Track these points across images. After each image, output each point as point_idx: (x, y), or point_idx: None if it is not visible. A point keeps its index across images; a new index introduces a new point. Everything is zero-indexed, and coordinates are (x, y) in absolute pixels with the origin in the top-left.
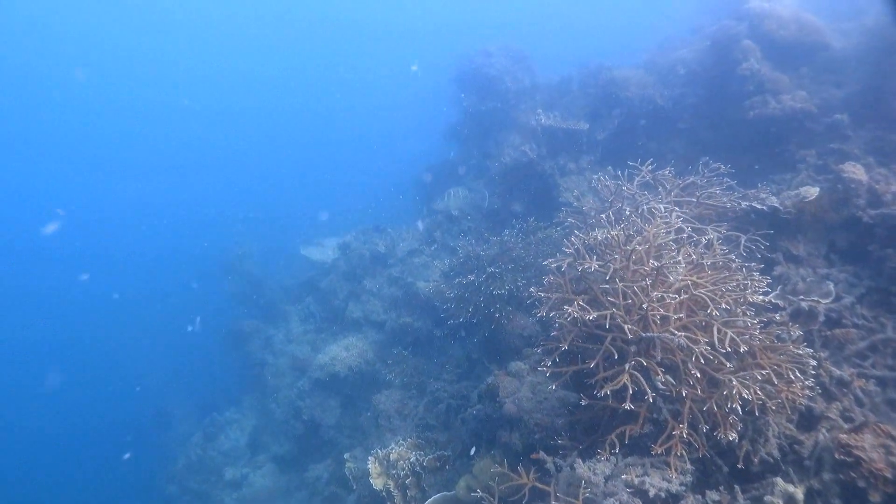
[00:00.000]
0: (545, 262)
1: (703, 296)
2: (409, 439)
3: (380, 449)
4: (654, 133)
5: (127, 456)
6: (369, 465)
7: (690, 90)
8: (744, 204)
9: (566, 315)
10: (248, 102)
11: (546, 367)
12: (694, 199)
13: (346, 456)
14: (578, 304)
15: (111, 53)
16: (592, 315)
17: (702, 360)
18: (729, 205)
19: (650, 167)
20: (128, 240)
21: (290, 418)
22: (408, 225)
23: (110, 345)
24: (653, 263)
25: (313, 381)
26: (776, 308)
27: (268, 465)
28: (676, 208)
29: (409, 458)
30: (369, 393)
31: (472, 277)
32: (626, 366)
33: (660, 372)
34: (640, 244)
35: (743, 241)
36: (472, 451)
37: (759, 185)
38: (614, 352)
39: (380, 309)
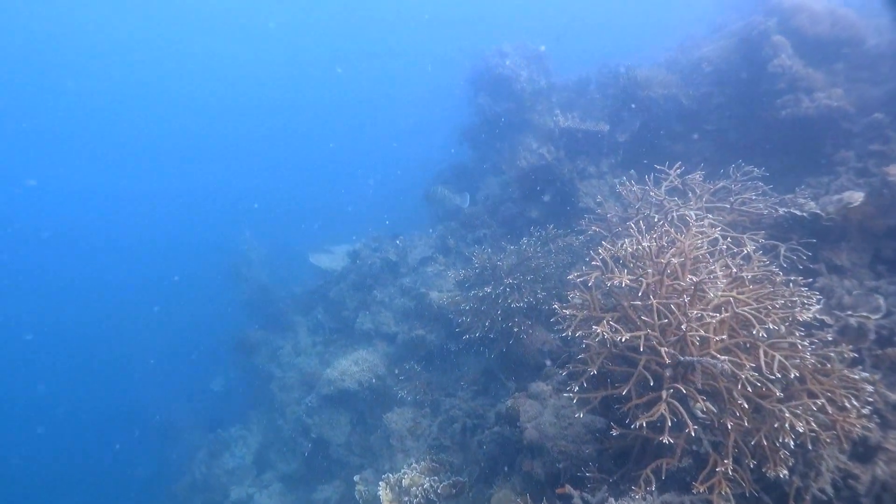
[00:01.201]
0: (570, 277)
1: (747, 314)
2: (422, 462)
3: (391, 473)
4: (679, 135)
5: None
6: (380, 492)
7: (717, 89)
8: (781, 210)
9: (594, 335)
10: (256, 103)
11: (573, 392)
12: (727, 206)
13: (356, 478)
14: (608, 323)
15: (119, 52)
16: (625, 336)
17: (748, 388)
18: (766, 211)
19: (678, 171)
20: (132, 243)
21: (297, 435)
22: (420, 231)
23: (115, 354)
24: (690, 278)
25: (322, 396)
26: (822, 325)
27: (274, 485)
28: (709, 215)
29: (422, 485)
30: (380, 409)
31: (488, 289)
32: (664, 393)
33: (700, 400)
34: (674, 256)
35: (783, 251)
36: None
37: (797, 189)
38: (649, 377)
39: (391, 320)
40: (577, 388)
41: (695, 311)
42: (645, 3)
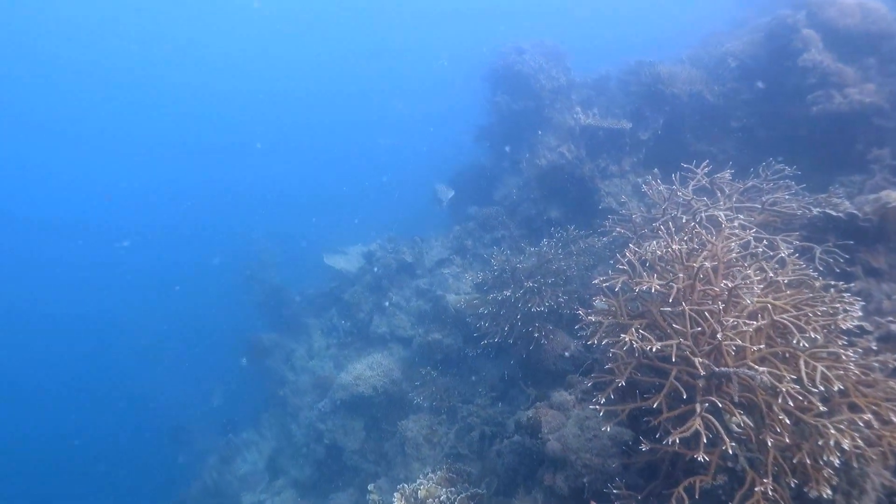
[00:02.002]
0: (595, 281)
1: (787, 322)
2: (438, 472)
3: (406, 484)
4: (704, 132)
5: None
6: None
7: (743, 85)
8: (815, 210)
9: (622, 344)
10: (269, 99)
11: (599, 405)
12: (758, 206)
13: (370, 487)
14: (637, 331)
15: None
16: (655, 346)
17: (789, 402)
18: (799, 211)
19: (706, 169)
20: (147, 243)
21: (310, 441)
22: (436, 232)
23: (128, 355)
24: (725, 284)
25: (336, 401)
26: (861, 332)
27: (287, 492)
28: (739, 216)
29: (439, 497)
30: (396, 415)
31: (507, 293)
32: (698, 407)
33: (737, 413)
34: (707, 260)
35: (818, 253)
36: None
37: (830, 188)
38: (681, 389)
39: (407, 324)
40: (603, 399)
41: (730, 319)
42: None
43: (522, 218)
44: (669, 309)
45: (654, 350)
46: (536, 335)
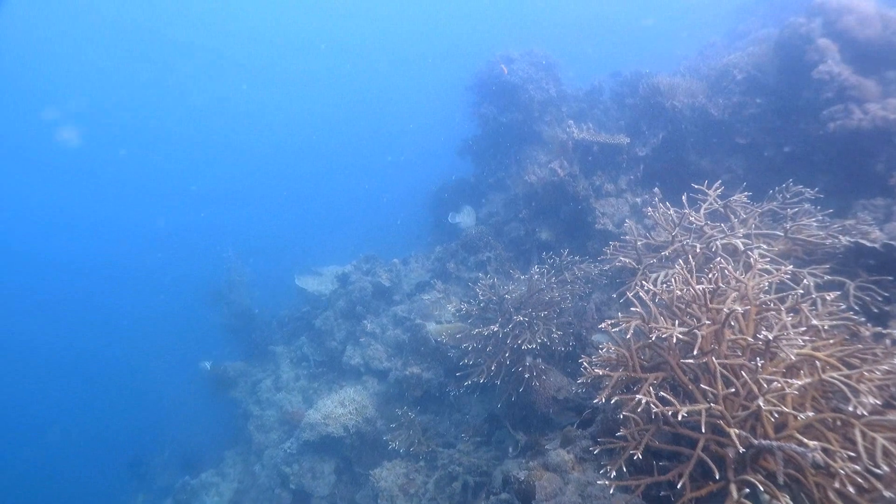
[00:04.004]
0: (602, 326)
1: (837, 382)
2: None
3: None
4: (707, 149)
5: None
6: None
7: (750, 99)
8: (844, 240)
9: (636, 404)
10: (244, 113)
11: (609, 478)
12: (780, 233)
13: None
14: (652, 388)
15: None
16: (682, 412)
17: (848, 486)
18: (829, 241)
19: (719, 191)
20: (99, 262)
21: (275, 486)
22: (416, 252)
23: (85, 381)
24: (764, 334)
25: (303, 442)
26: None
27: None
28: (763, 244)
29: None
30: (369, 456)
31: (494, 328)
32: (734, 490)
33: (781, 499)
34: (736, 302)
35: (852, 290)
36: None
37: (859, 214)
38: (711, 464)
39: (383, 355)
40: (613, 473)
41: (772, 379)
42: (650, 12)
43: (510, 239)
44: (692, 361)
45: (681, 418)
46: (527, 375)
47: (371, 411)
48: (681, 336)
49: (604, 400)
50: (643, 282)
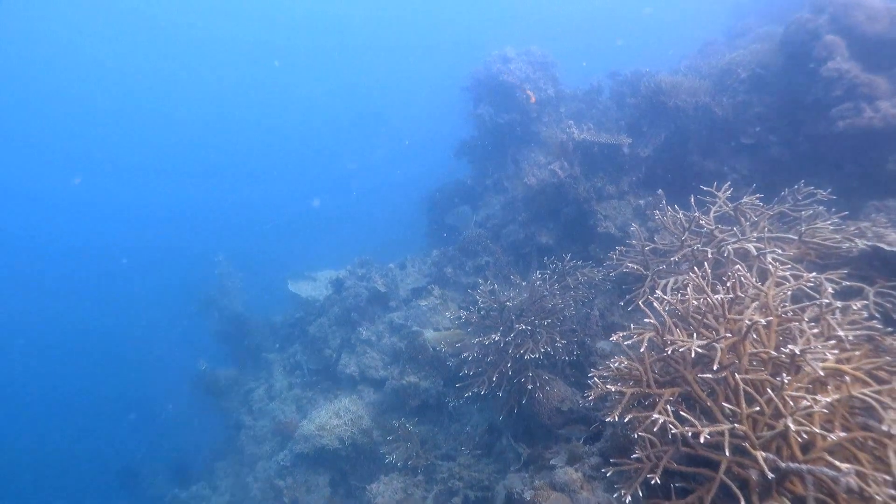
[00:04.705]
0: (613, 338)
1: (870, 399)
2: None
3: None
4: (711, 149)
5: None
6: None
7: (756, 97)
8: (861, 243)
9: (652, 423)
10: (237, 111)
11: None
12: (793, 236)
13: None
14: (668, 406)
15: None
16: (704, 434)
17: None
18: (845, 245)
19: (728, 192)
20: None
21: (268, 499)
22: (412, 257)
23: (70, 388)
24: (790, 348)
25: (297, 454)
26: None
27: None
28: (777, 249)
29: None
30: (365, 468)
31: (495, 337)
32: None
33: None
34: (757, 313)
35: (871, 297)
36: None
37: (873, 216)
38: (735, 489)
39: (378, 363)
40: (629, 498)
41: (798, 396)
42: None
43: (509, 242)
44: (710, 376)
45: (703, 440)
46: (530, 387)
47: (367, 422)
48: (700, 351)
49: (616, 418)
50: (656, 290)
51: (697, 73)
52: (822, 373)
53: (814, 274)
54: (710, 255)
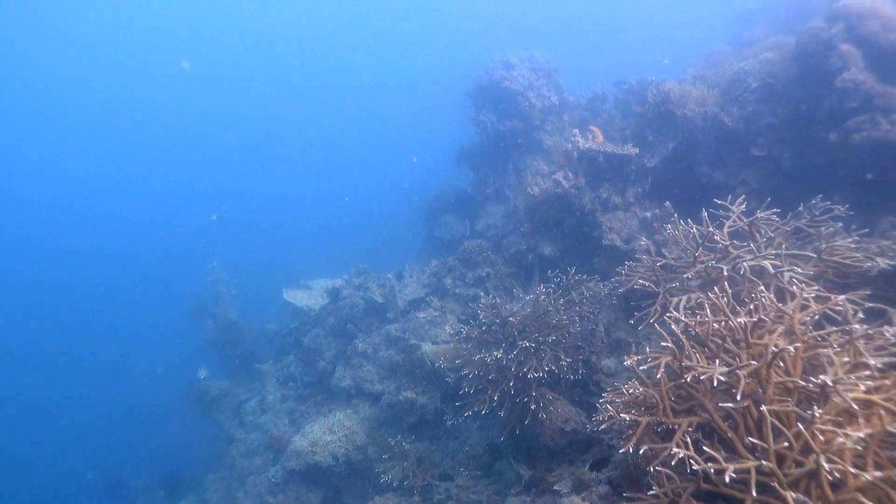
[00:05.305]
0: (628, 362)
1: None
2: None
3: None
4: (720, 160)
5: None
6: None
7: (766, 108)
8: (882, 262)
9: (670, 457)
10: (229, 113)
11: None
12: (812, 254)
13: None
14: (688, 439)
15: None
16: (729, 471)
17: None
18: (867, 264)
19: (742, 206)
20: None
21: None
22: (410, 267)
23: (59, 396)
24: (822, 378)
25: (288, 471)
26: None
27: None
28: (797, 267)
29: None
30: (359, 486)
31: (498, 354)
32: None
33: None
34: (782, 338)
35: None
36: None
37: (893, 233)
38: None
39: (375, 377)
40: None
41: (831, 430)
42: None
43: (510, 253)
44: (732, 405)
45: (728, 478)
46: (533, 407)
47: (362, 438)
48: (722, 378)
49: (631, 449)
50: (668, 308)
51: (705, 81)
52: (854, 405)
53: (842, 297)
54: (725, 273)
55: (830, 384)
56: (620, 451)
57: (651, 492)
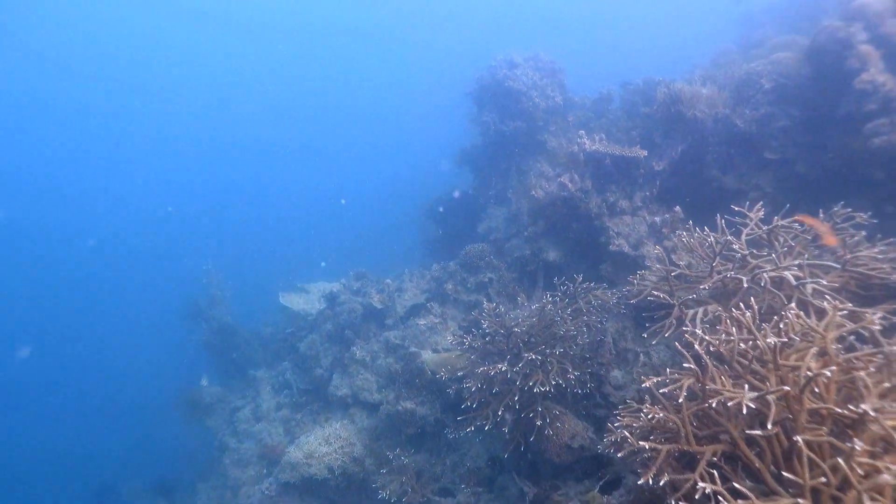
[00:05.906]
0: (646, 384)
1: None
2: None
3: None
4: (731, 164)
5: None
6: None
7: (780, 110)
8: None
9: (694, 490)
10: (225, 110)
11: None
12: (835, 264)
13: None
14: (714, 472)
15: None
16: None
17: None
18: (894, 276)
19: (760, 213)
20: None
21: None
22: (410, 272)
23: (50, 400)
24: (863, 407)
25: (282, 483)
26: None
27: None
28: (822, 280)
29: None
30: (356, 499)
31: (502, 367)
32: None
33: None
34: (816, 361)
35: None
36: None
37: None
38: None
39: (373, 386)
40: None
41: (873, 463)
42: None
43: (513, 258)
44: (760, 433)
45: None
46: (539, 423)
47: (359, 449)
48: (752, 405)
49: (650, 480)
50: (684, 321)
51: (713, 82)
52: (884, 429)
53: (879, 315)
54: (745, 284)
55: (872, 413)
56: (639, 482)
57: None
